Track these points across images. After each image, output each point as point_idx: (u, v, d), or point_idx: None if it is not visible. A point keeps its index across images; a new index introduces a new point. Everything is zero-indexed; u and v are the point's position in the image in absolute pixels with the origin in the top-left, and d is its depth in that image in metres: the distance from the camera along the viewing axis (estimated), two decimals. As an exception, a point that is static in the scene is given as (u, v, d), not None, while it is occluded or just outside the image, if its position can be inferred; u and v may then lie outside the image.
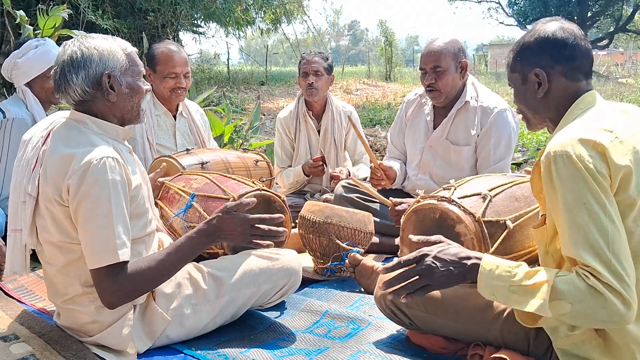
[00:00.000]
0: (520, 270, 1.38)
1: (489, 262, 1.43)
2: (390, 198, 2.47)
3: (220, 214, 1.74)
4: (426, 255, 1.49)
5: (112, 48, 1.72)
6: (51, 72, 1.73)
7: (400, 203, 2.41)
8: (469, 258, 1.47)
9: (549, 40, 1.48)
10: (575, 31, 1.49)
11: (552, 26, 1.50)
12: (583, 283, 1.28)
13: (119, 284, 1.61)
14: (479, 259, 1.45)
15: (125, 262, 1.62)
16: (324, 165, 3.45)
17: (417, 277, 1.47)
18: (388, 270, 1.51)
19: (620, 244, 1.28)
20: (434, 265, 1.46)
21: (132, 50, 1.78)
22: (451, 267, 1.46)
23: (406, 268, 1.49)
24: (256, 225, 1.73)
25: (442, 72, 2.76)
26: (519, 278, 1.37)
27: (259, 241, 1.75)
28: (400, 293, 1.49)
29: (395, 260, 1.52)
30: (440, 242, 1.56)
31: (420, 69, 2.89)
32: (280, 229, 1.76)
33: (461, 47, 2.84)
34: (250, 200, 1.76)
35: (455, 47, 2.79)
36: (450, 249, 1.50)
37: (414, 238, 1.61)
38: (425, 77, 2.81)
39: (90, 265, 1.61)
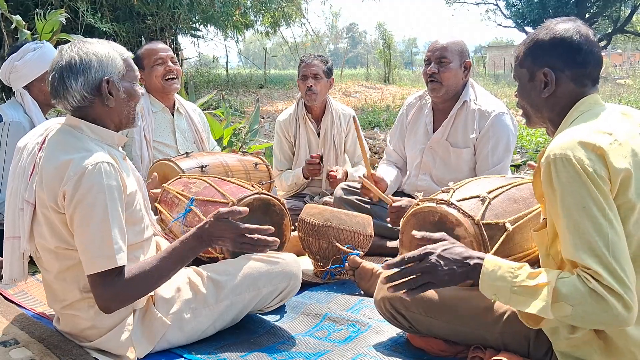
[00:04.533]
0: (522, 271, 1.38)
1: (492, 262, 1.43)
2: (390, 196, 2.51)
3: (212, 220, 1.74)
4: (430, 253, 1.48)
5: (111, 54, 1.72)
6: (48, 78, 1.73)
7: (399, 201, 2.48)
8: (472, 258, 1.47)
9: (565, 43, 1.46)
10: (591, 37, 1.47)
11: (570, 28, 1.47)
12: (584, 286, 1.28)
13: (116, 289, 1.61)
14: (482, 259, 1.45)
15: (122, 267, 1.62)
16: (321, 165, 3.42)
17: (420, 274, 1.47)
18: (391, 266, 1.50)
19: (620, 248, 1.28)
20: (437, 263, 1.46)
21: (128, 55, 1.79)
22: (454, 266, 1.46)
23: (410, 265, 1.49)
24: (247, 235, 1.72)
25: (447, 63, 2.79)
26: (521, 279, 1.36)
27: (249, 249, 1.76)
28: (400, 288, 1.49)
29: (399, 257, 1.51)
30: (443, 239, 1.54)
31: (425, 60, 2.92)
32: (271, 238, 1.74)
33: (467, 48, 2.91)
34: (242, 209, 1.74)
35: (462, 46, 2.86)
36: (455, 248, 1.49)
37: (418, 234, 1.59)
38: (429, 67, 2.83)
39: (87, 271, 1.61)
